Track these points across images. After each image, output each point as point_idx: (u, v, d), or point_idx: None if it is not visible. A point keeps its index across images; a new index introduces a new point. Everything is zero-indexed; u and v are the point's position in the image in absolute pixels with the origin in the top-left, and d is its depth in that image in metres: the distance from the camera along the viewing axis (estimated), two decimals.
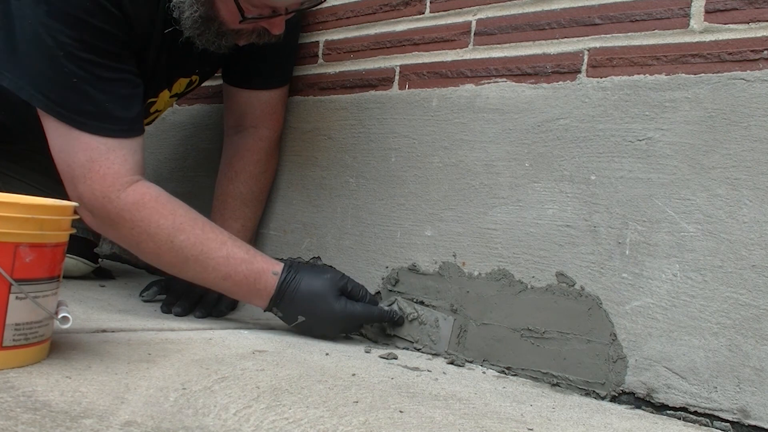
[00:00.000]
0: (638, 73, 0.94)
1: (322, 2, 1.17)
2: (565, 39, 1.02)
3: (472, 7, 1.13)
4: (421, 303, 1.14)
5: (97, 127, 1.08)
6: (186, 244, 1.09)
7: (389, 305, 1.15)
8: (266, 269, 1.12)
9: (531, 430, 0.75)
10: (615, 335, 0.92)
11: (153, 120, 1.41)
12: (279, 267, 1.12)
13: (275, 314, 1.14)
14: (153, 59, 1.19)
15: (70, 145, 1.09)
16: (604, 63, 0.97)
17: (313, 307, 1.10)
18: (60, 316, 0.78)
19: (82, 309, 1.12)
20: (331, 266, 1.27)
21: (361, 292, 1.14)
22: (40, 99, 1.08)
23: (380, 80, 1.25)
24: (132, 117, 1.12)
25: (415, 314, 1.13)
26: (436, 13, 1.18)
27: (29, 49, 1.07)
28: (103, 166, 1.09)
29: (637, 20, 0.95)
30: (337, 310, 1.10)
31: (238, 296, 1.15)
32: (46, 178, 1.42)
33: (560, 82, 1.02)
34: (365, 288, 1.15)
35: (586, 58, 0.99)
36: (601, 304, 0.94)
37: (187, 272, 1.12)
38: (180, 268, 1.12)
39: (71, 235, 0.82)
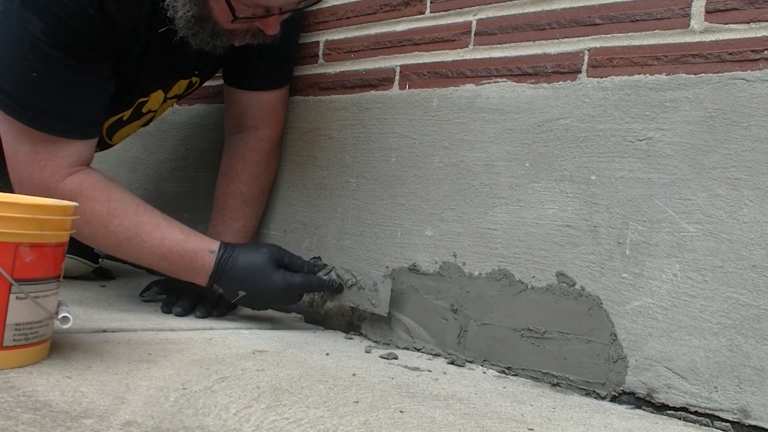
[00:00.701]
0: (638, 73, 0.94)
1: (318, 2, 1.16)
2: (566, 39, 1.02)
3: (472, 7, 1.13)
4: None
5: (47, 125, 1.10)
6: (120, 228, 1.13)
7: (326, 274, 1.18)
8: (202, 248, 1.15)
9: (531, 430, 0.75)
10: (615, 335, 0.92)
11: (150, 120, 1.41)
12: (215, 245, 1.15)
13: (216, 291, 1.16)
14: (140, 59, 1.18)
15: (18, 133, 1.10)
16: (604, 63, 0.97)
17: (253, 280, 1.13)
18: (60, 316, 0.78)
19: (82, 309, 1.12)
20: (268, 243, 1.32)
21: (298, 263, 1.17)
22: None
23: (380, 80, 1.25)
24: (87, 120, 1.14)
25: (353, 280, 1.16)
26: (437, 13, 1.18)
27: None
28: (45, 156, 1.11)
29: (637, 20, 0.95)
30: (276, 281, 1.13)
31: (177, 275, 1.17)
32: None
33: (560, 82, 1.02)
34: (302, 258, 1.19)
35: (586, 58, 0.99)
36: (601, 304, 0.94)
37: (125, 254, 1.16)
38: (117, 250, 1.16)
39: (71, 235, 0.82)
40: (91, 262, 1.42)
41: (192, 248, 1.14)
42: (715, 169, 0.87)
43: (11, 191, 1.25)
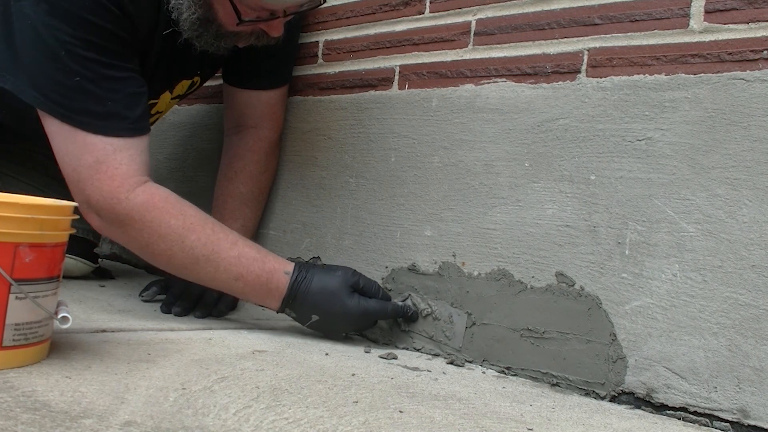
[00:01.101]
0: (638, 73, 0.94)
1: (321, 4, 1.16)
2: (565, 39, 1.02)
3: (471, 7, 1.13)
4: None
5: (103, 127, 1.07)
6: (197, 244, 1.08)
7: (403, 301, 1.14)
8: (278, 268, 1.10)
9: (531, 430, 0.75)
10: (615, 335, 0.92)
11: (154, 121, 1.41)
12: (290, 266, 1.12)
13: (288, 315, 1.13)
14: (154, 61, 1.19)
15: (75, 148, 1.08)
16: (603, 63, 0.98)
17: (327, 305, 1.10)
18: (60, 316, 0.78)
19: (82, 309, 1.12)
20: (343, 266, 1.26)
21: (373, 287, 1.13)
22: (42, 100, 1.07)
23: (380, 80, 1.25)
24: (137, 116, 1.11)
25: (429, 309, 1.12)
26: (436, 13, 1.18)
27: (30, 50, 1.06)
28: (110, 167, 1.07)
29: (636, 20, 0.95)
30: (351, 306, 1.09)
31: (250, 297, 1.13)
32: (46, 178, 1.42)
33: (560, 82, 1.02)
34: (377, 283, 1.14)
35: (585, 58, 0.99)
36: (600, 304, 0.94)
37: (199, 273, 1.10)
38: (191, 269, 1.10)
39: (71, 235, 0.82)
40: (91, 262, 1.42)
41: (269, 268, 1.10)
42: (715, 169, 0.87)
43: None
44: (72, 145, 1.08)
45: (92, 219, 1.11)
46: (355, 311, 1.09)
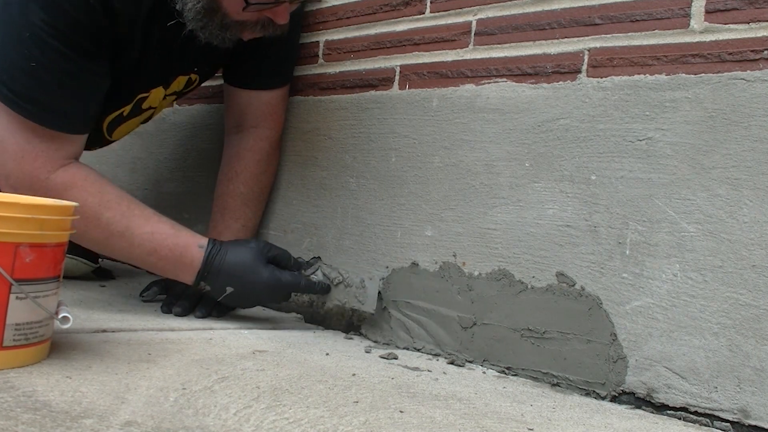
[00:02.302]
0: (638, 73, 0.94)
1: None
2: (566, 39, 1.02)
3: (472, 7, 1.13)
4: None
5: (42, 118, 1.08)
6: (111, 221, 1.11)
7: (313, 272, 1.17)
8: (192, 243, 1.13)
9: (531, 430, 0.75)
10: (615, 335, 0.92)
11: (149, 117, 1.41)
12: (204, 240, 1.14)
13: (202, 288, 1.15)
14: (140, 53, 1.17)
15: (11, 125, 1.08)
16: (604, 63, 0.97)
17: (242, 276, 1.12)
18: (60, 316, 0.78)
19: (82, 309, 1.12)
20: (255, 239, 1.33)
21: (285, 258, 1.16)
22: None
23: (380, 80, 1.25)
24: (83, 116, 1.12)
25: (340, 278, 1.16)
26: (437, 13, 1.18)
27: None
28: (37, 148, 1.09)
29: (637, 20, 0.95)
30: (265, 277, 1.12)
31: (164, 272, 1.15)
32: None
33: (560, 82, 1.02)
34: (289, 253, 1.18)
35: (586, 58, 0.99)
36: (601, 304, 0.94)
37: (114, 248, 1.14)
38: (105, 244, 1.13)
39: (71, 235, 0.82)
40: (91, 262, 1.42)
41: (182, 242, 1.13)
42: (715, 169, 0.87)
43: None
44: (6, 121, 1.08)
45: (6, 191, 1.09)
46: (268, 281, 1.12)
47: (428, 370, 0.99)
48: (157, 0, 1.12)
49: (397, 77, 1.22)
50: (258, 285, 1.13)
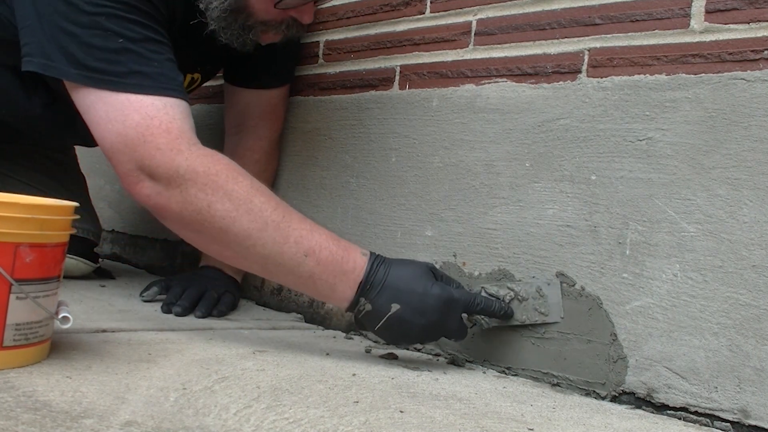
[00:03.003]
0: (639, 73, 0.94)
1: None
2: (566, 39, 1.02)
3: (472, 7, 1.13)
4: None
5: (152, 87, 0.98)
6: (267, 206, 0.94)
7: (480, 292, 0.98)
8: (354, 248, 0.96)
9: (531, 430, 0.75)
10: (615, 335, 0.92)
11: None
12: (366, 250, 0.97)
13: (359, 311, 0.95)
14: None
15: (120, 110, 0.97)
16: (604, 63, 0.97)
17: (411, 291, 0.93)
18: (60, 316, 0.78)
19: (83, 309, 1.12)
20: None
21: (452, 279, 0.99)
22: (83, 74, 0.99)
23: (380, 80, 1.25)
24: (180, 81, 1.03)
25: (512, 294, 0.98)
26: (437, 13, 1.18)
27: (64, 26, 0.99)
28: (164, 121, 0.96)
29: (637, 20, 0.95)
30: (435, 292, 0.93)
31: (316, 281, 0.95)
32: (46, 178, 1.42)
33: (561, 82, 1.02)
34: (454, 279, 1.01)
35: (586, 58, 0.99)
36: (601, 304, 0.94)
37: (265, 244, 0.93)
38: (256, 238, 0.93)
39: (71, 235, 0.82)
40: (91, 262, 1.42)
41: (344, 245, 0.95)
42: (715, 169, 0.87)
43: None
44: (113, 110, 0.98)
45: (141, 187, 0.98)
46: (442, 296, 0.93)
47: (428, 370, 0.99)
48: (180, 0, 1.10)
49: (397, 77, 1.22)
50: (429, 300, 0.93)
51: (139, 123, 0.96)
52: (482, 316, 0.98)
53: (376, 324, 0.95)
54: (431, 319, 0.94)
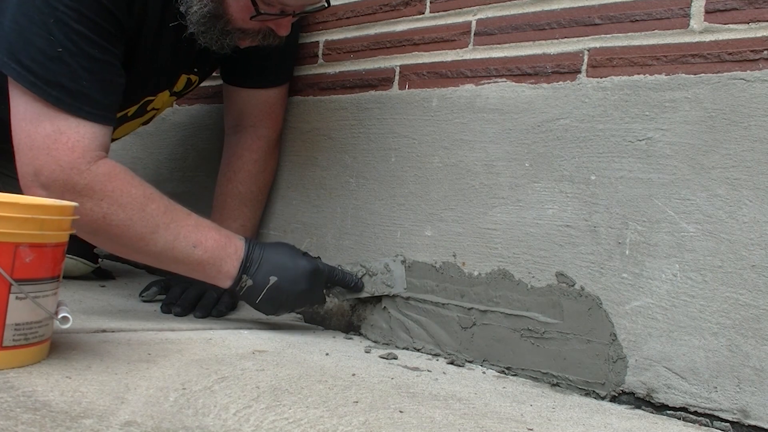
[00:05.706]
0: (638, 73, 0.94)
1: (325, 7, 1.16)
2: (565, 39, 1.02)
3: (472, 7, 1.13)
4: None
5: (71, 106, 1.02)
6: (157, 212, 1.06)
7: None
8: (233, 235, 1.13)
9: (531, 430, 0.75)
10: (615, 335, 0.92)
11: (151, 119, 1.41)
12: (241, 236, 1.14)
13: (242, 287, 1.10)
14: (150, 54, 1.17)
15: (36, 114, 1.02)
16: (604, 63, 0.98)
17: (284, 264, 1.10)
18: (60, 316, 0.78)
19: (82, 309, 1.12)
20: None
21: (311, 255, 1.16)
22: (14, 67, 1.02)
23: (380, 80, 1.25)
24: (108, 104, 1.07)
25: (363, 270, 1.16)
26: (436, 13, 1.18)
27: (15, 15, 1.01)
28: (71, 138, 1.02)
29: (637, 20, 0.95)
30: (305, 264, 1.11)
31: (205, 266, 1.09)
32: None
33: (560, 82, 1.02)
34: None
35: (586, 58, 0.99)
36: (601, 304, 0.94)
37: (156, 243, 1.07)
38: (149, 239, 1.06)
39: (71, 235, 0.83)
40: (91, 262, 1.42)
41: (224, 234, 1.11)
42: (715, 169, 0.87)
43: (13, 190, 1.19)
44: (30, 112, 1.02)
45: (35, 191, 1.03)
46: (308, 268, 1.11)
47: (428, 370, 0.99)
48: (167, 1, 1.11)
49: (396, 77, 1.22)
50: (300, 270, 1.10)
51: (48, 134, 1.02)
52: (339, 289, 1.16)
53: (257, 297, 1.11)
54: (303, 287, 1.11)
